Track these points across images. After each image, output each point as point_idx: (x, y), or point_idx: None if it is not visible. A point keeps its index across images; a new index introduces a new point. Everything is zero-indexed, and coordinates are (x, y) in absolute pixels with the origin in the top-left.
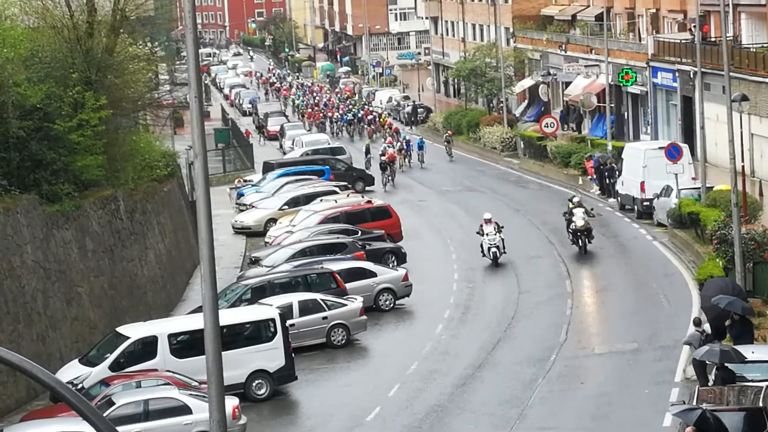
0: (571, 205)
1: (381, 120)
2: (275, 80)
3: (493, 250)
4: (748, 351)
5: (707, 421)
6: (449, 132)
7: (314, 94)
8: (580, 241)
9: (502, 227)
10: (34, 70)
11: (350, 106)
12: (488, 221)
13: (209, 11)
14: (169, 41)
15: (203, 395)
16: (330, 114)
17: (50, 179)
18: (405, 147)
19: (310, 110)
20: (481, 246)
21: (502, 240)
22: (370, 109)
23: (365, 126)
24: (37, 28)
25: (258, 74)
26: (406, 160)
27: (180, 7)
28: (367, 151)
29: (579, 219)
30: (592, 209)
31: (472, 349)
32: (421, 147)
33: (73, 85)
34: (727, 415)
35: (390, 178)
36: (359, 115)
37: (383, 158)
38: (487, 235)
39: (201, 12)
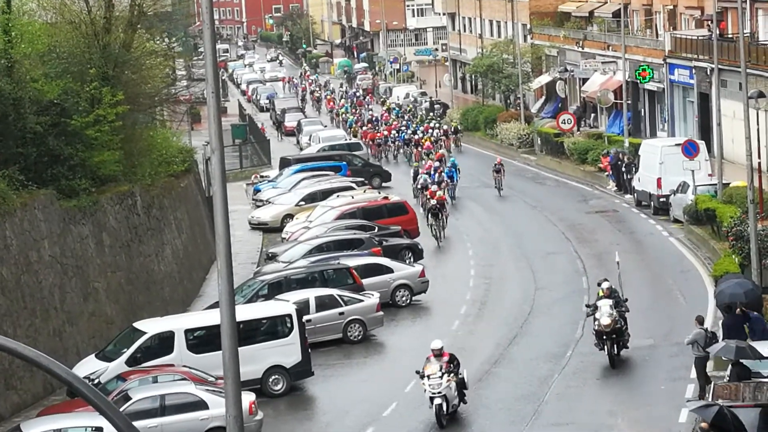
0: (599, 293)
1: (436, 137)
2: (315, 88)
3: (437, 401)
4: (764, 348)
5: (724, 417)
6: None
7: (366, 107)
8: (606, 346)
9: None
10: (51, 65)
11: (409, 122)
12: (437, 354)
13: (226, 7)
14: (187, 37)
15: (220, 390)
16: (387, 133)
17: (67, 174)
18: (448, 179)
19: (365, 129)
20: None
21: (459, 385)
22: (432, 124)
23: (419, 146)
24: (55, 24)
25: (293, 81)
26: (446, 193)
27: (197, 3)
28: (416, 176)
29: (605, 316)
30: (626, 300)
31: (488, 344)
32: (451, 176)
33: (90, 80)
34: (743, 411)
35: (442, 227)
36: (419, 131)
37: (432, 202)
38: (428, 377)
39: (218, 8)
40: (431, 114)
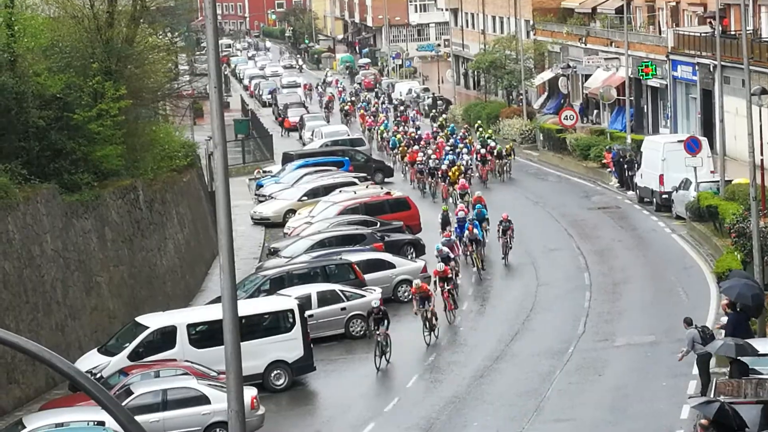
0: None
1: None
2: (347, 98)
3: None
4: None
5: (726, 414)
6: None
7: (412, 122)
8: None
9: None
10: (54, 59)
11: (462, 141)
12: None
13: (229, 2)
14: (189, 32)
15: (222, 385)
16: (437, 155)
17: (70, 169)
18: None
19: (412, 151)
20: None
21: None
22: (490, 142)
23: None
24: (58, 18)
25: (318, 89)
26: (473, 259)
27: None
28: (446, 222)
29: None
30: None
31: (490, 340)
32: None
33: (93, 75)
34: (744, 408)
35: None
36: (470, 152)
37: (439, 264)
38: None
39: (221, 2)
40: (469, 129)
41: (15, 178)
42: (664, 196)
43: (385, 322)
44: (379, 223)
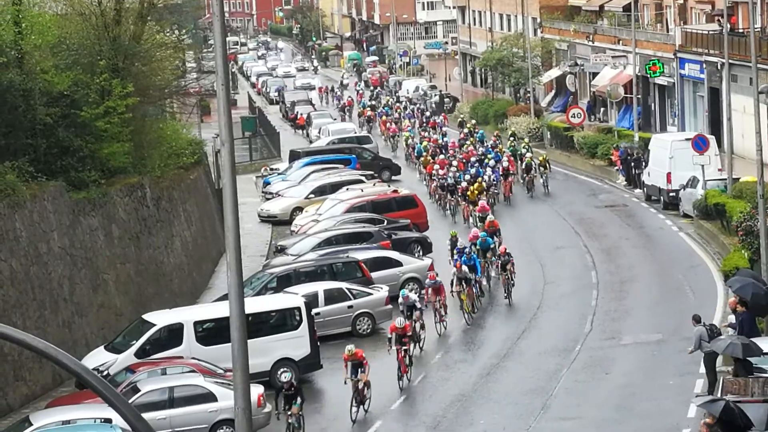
0: None
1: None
2: (367, 103)
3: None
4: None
5: (732, 412)
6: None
7: (439, 129)
8: None
9: None
10: (61, 57)
11: (492, 150)
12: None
13: None
14: (196, 29)
15: (228, 383)
16: (459, 167)
17: (77, 166)
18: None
19: (434, 161)
20: None
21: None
22: (522, 152)
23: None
24: (65, 15)
25: (335, 92)
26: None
27: None
28: (455, 246)
29: None
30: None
31: (497, 339)
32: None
33: (100, 72)
34: (751, 406)
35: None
36: (500, 162)
37: (399, 319)
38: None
39: (228, 0)
40: (500, 136)
41: (22, 175)
42: (671, 194)
43: (298, 399)
44: (386, 221)
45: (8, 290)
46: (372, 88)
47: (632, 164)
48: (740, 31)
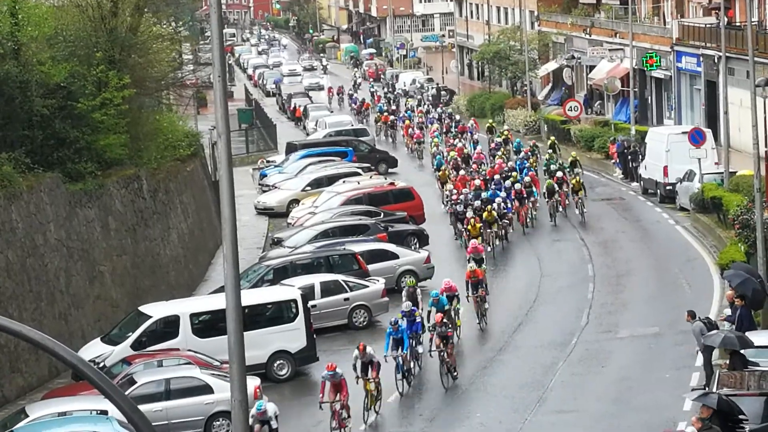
0: None
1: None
2: (384, 105)
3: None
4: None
5: (726, 405)
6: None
7: (469, 135)
8: None
9: None
10: (58, 48)
11: (525, 161)
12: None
13: None
14: (193, 21)
15: (225, 375)
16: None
17: (73, 158)
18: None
19: (460, 173)
20: None
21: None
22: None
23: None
24: (62, 7)
25: (348, 92)
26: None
27: None
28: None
29: None
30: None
31: (493, 332)
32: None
33: (96, 64)
34: (747, 400)
35: None
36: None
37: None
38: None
39: None
40: (536, 145)
41: (18, 167)
42: (668, 187)
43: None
44: (382, 214)
45: (4, 282)
46: (371, 80)
47: (629, 157)
48: (737, 24)
